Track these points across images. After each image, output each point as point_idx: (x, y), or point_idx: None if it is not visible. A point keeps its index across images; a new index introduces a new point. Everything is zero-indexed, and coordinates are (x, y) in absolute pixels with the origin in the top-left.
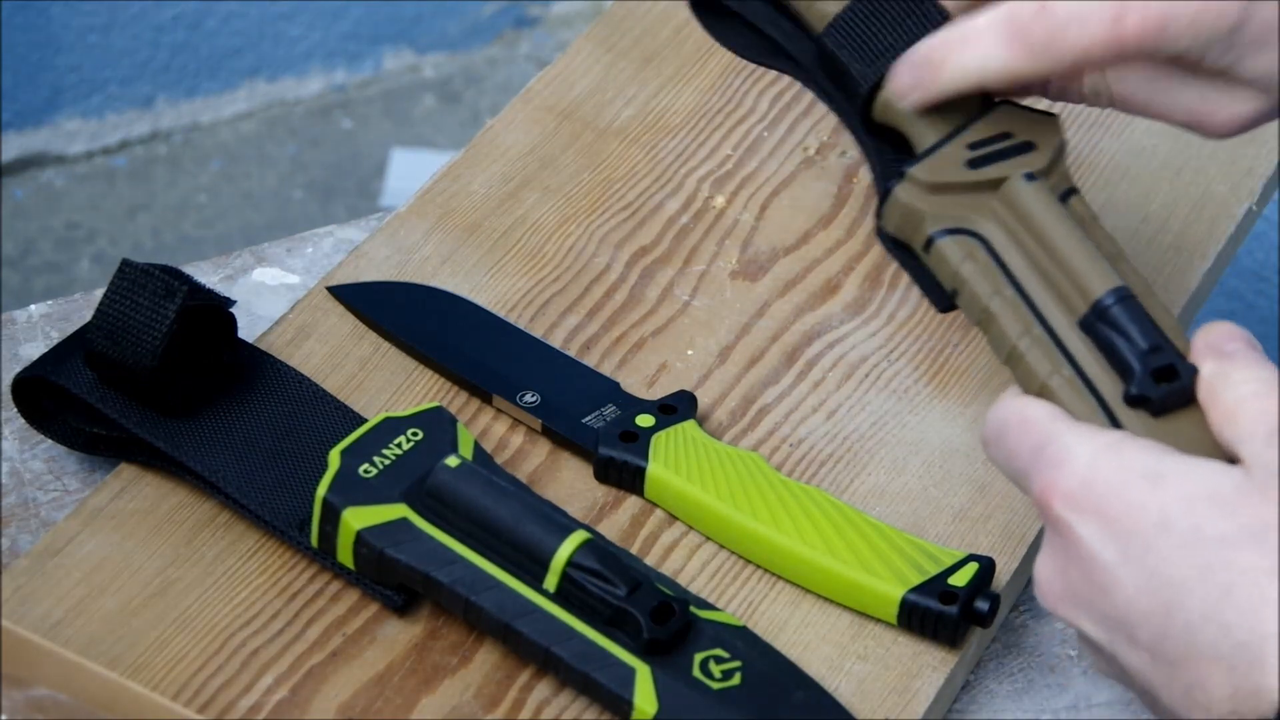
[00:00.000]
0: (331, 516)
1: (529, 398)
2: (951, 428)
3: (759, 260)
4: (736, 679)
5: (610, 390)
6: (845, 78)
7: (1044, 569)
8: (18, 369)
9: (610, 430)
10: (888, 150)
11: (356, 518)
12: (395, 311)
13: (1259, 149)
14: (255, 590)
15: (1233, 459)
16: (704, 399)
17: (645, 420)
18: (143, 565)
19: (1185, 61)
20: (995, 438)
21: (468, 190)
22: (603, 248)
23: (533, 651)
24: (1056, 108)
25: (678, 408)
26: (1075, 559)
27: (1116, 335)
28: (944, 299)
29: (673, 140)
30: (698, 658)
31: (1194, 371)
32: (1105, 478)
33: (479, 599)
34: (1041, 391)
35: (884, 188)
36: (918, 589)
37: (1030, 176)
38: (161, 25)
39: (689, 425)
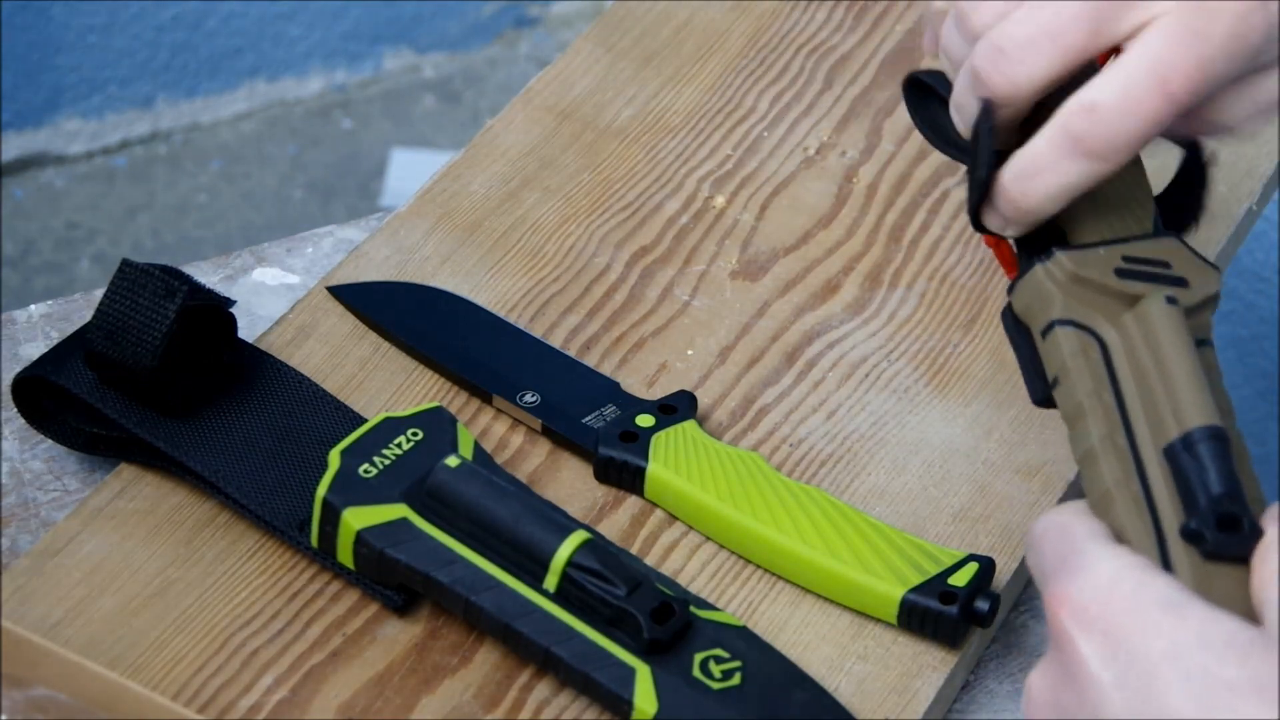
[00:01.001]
0: (331, 516)
1: (529, 398)
2: (951, 428)
3: (759, 260)
4: (736, 679)
5: (610, 390)
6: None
7: (1037, 682)
8: (18, 369)
9: (610, 430)
10: (1037, 233)
11: (356, 518)
12: (395, 311)
13: (1259, 149)
14: (255, 590)
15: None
16: (704, 399)
17: (645, 420)
18: (143, 565)
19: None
20: (1034, 542)
21: (468, 190)
22: (603, 248)
23: (533, 651)
24: None
25: (678, 408)
26: (1071, 677)
27: (1195, 470)
28: (1042, 389)
29: (673, 140)
30: (698, 658)
31: (1257, 534)
32: (1122, 596)
33: (479, 599)
34: (1103, 498)
35: (1026, 265)
36: (918, 589)
37: (1172, 300)
38: (161, 25)
39: (689, 425)
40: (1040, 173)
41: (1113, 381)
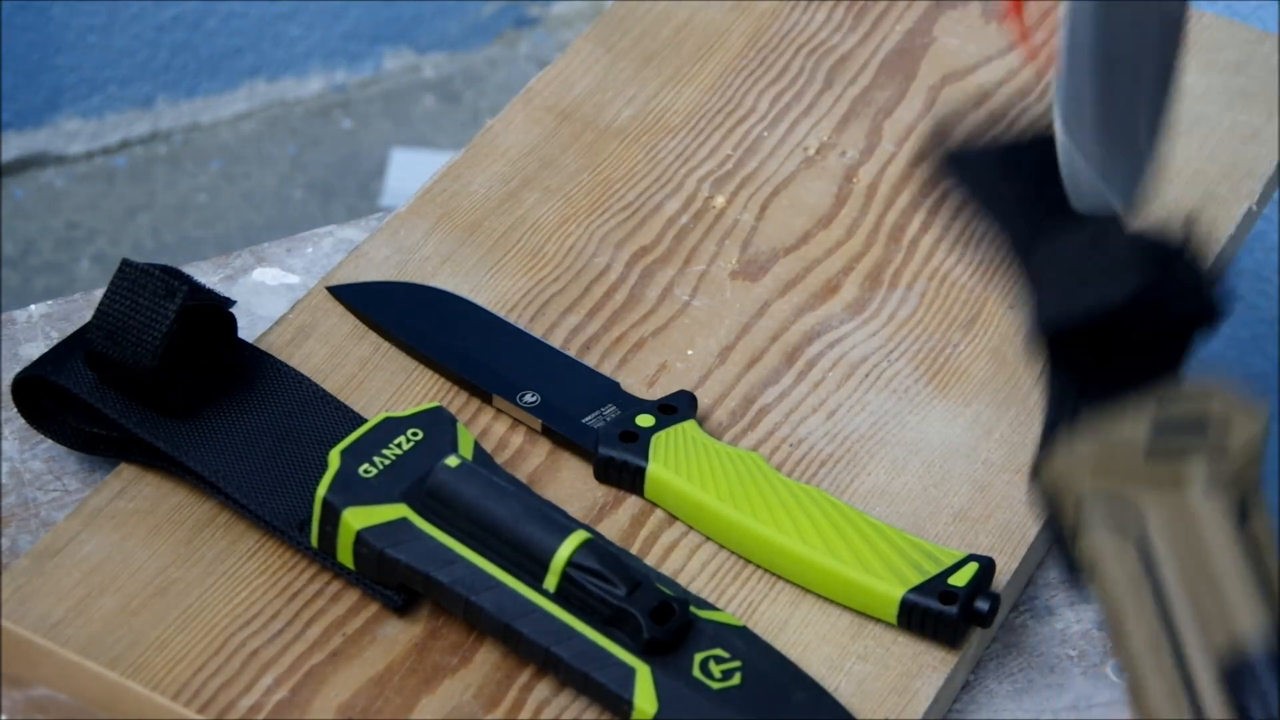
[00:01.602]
0: (331, 516)
1: (529, 398)
2: (951, 428)
3: (759, 260)
4: (736, 679)
5: (610, 390)
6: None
7: None
8: (18, 369)
9: (610, 430)
10: (1065, 350)
11: (356, 518)
12: (395, 311)
13: (1259, 149)
14: (255, 590)
15: None
16: (704, 399)
17: (645, 420)
18: (143, 565)
19: None
20: None
21: (468, 190)
22: (603, 248)
23: (533, 651)
24: None
25: (678, 408)
26: None
27: (1254, 692)
28: (1075, 574)
29: (673, 140)
30: (698, 658)
31: None
32: None
33: (479, 599)
34: (1150, 712)
35: (1049, 431)
36: (918, 589)
37: (1214, 478)
38: (161, 25)
39: (689, 425)
40: None
41: (1154, 585)
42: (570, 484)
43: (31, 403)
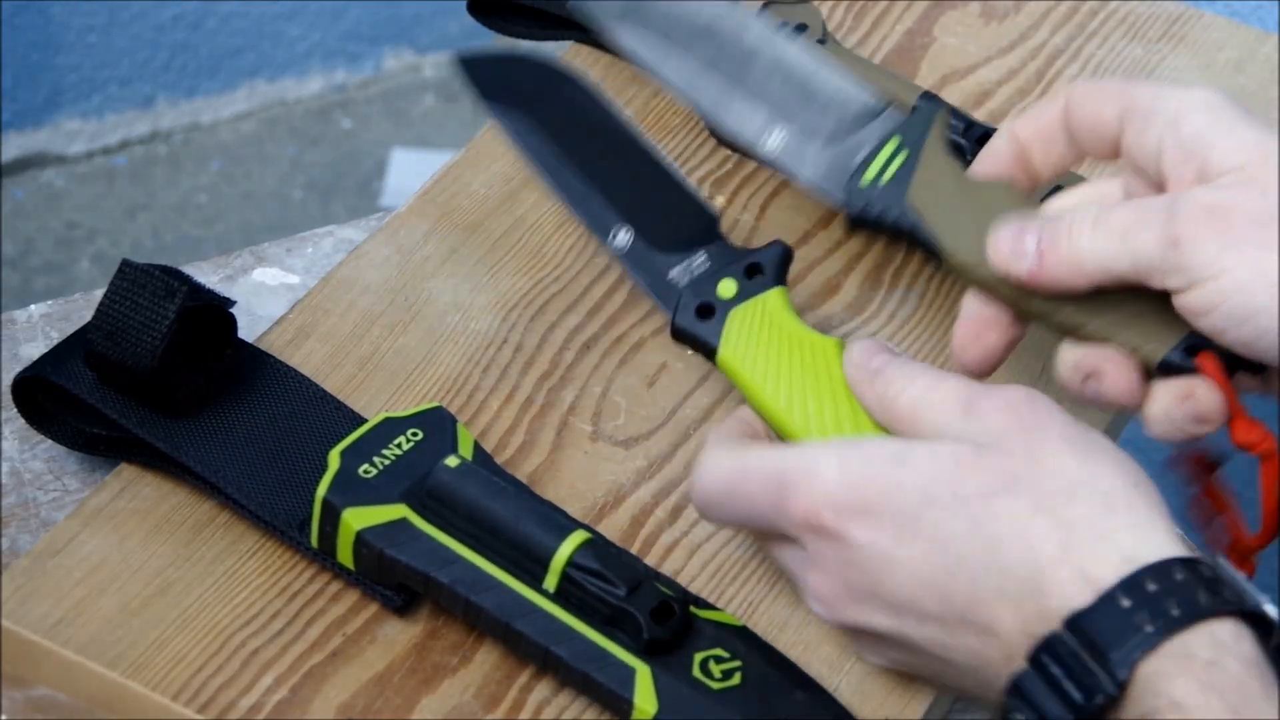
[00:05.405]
0: (331, 517)
1: (621, 237)
2: None
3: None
4: (736, 679)
5: (707, 229)
6: None
7: (818, 584)
8: (18, 369)
9: (688, 300)
10: None
11: (356, 518)
12: (520, 98)
13: None
14: (255, 590)
15: None
16: (705, 399)
17: (727, 289)
18: (143, 565)
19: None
20: (723, 499)
21: (468, 190)
22: (603, 248)
23: (533, 651)
24: None
25: (765, 269)
26: (851, 560)
27: None
28: None
29: (673, 140)
30: (698, 658)
31: None
32: (857, 473)
33: (479, 599)
34: None
35: None
36: None
37: (821, 41)
38: (161, 25)
39: (772, 296)
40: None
41: None
42: (570, 484)
43: (31, 403)
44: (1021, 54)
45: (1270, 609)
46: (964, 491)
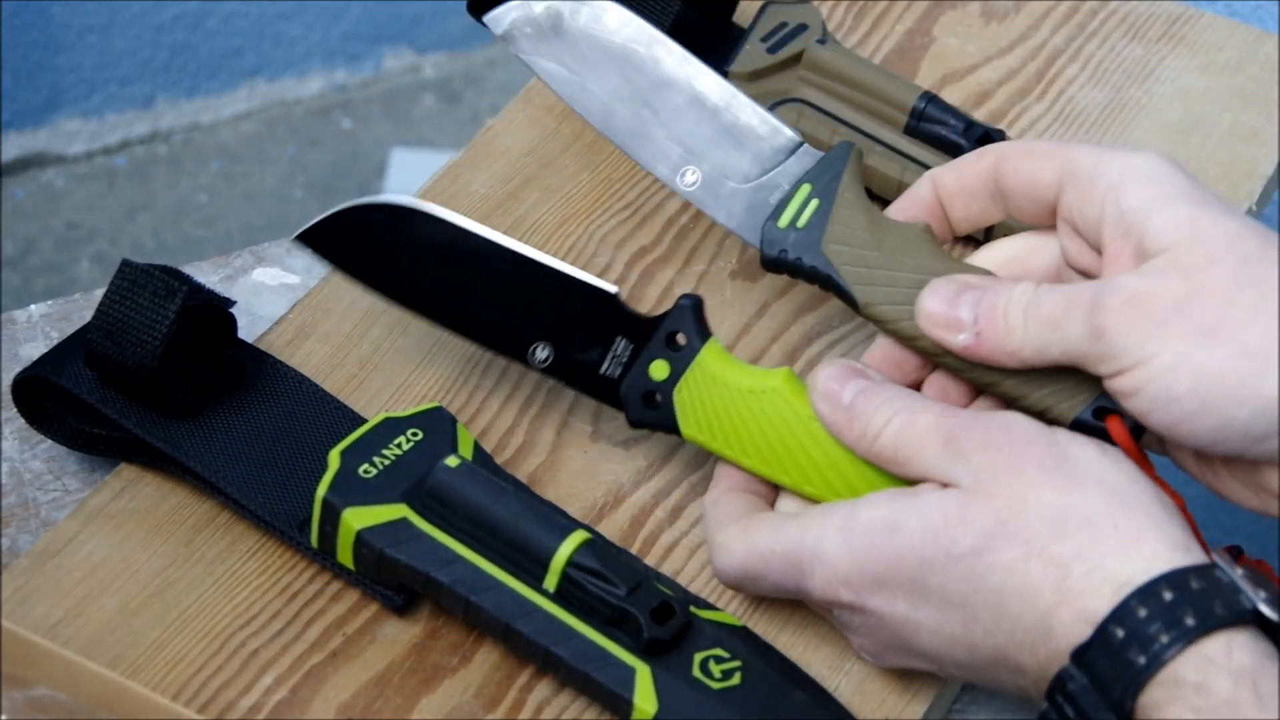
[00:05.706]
0: (331, 517)
1: (540, 354)
2: None
3: (759, 260)
4: (736, 679)
5: (613, 312)
6: None
7: (859, 642)
8: (18, 369)
9: (631, 396)
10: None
11: (356, 518)
12: (369, 257)
13: (1259, 149)
14: (255, 590)
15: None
16: None
17: (659, 371)
18: (143, 565)
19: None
20: (748, 582)
21: (468, 190)
22: (603, 248)
23: (533, 651)
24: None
25: (685, 333)
26: (880, 625)
27: (939, 126)
28: None
29: None
30: (698, 658)
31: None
32: (861, 548)
33: (479, 599)
34: (899, 189)
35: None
36: None
37: (821, 41)
38: (161, 25)
39: (704, 357)
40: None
41: (834, 118)
42: (570, 484)
43: (31, 403)
44: (1021, 54)
45: (1265, 608)
46: (957, 550)
